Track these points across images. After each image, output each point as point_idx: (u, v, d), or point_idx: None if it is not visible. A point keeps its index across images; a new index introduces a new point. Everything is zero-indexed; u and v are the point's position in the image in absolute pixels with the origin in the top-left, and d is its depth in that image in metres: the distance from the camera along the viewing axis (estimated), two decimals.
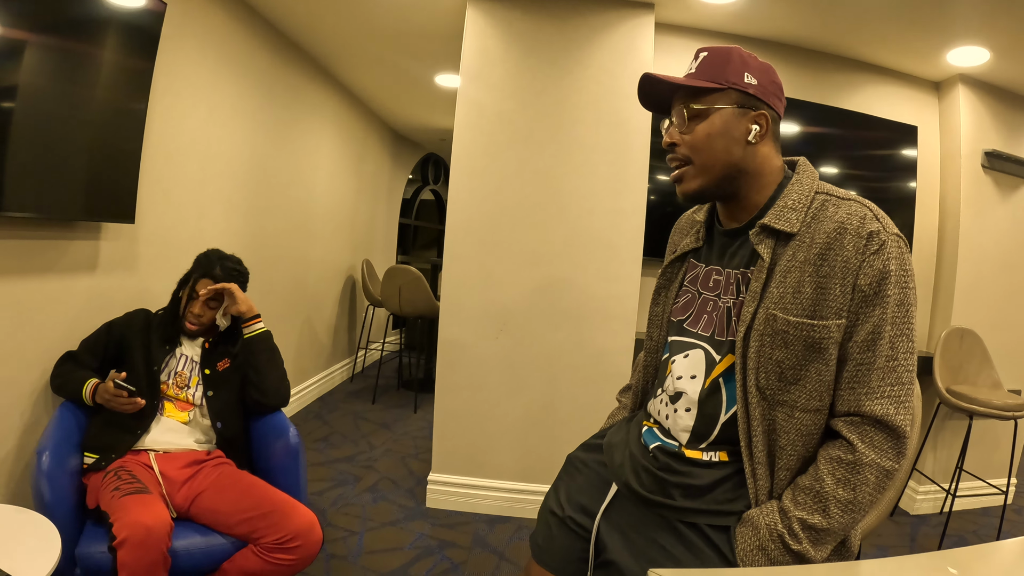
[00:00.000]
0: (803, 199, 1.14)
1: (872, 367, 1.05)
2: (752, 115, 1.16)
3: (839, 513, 1.04)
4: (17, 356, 2.05)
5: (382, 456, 3.86)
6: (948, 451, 3.53)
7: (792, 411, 1.09)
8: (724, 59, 1.17)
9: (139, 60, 2.32)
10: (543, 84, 3.00)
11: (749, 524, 1.08)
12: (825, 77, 3.43)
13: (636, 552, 1.19)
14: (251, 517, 1.84)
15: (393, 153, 6.88)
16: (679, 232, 1.45)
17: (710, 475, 1.16)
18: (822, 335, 1.06)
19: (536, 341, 3.09)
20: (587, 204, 3.03)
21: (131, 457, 1.97)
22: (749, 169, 1.18)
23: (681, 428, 1.21)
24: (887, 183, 3.54)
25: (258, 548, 1.82)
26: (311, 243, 4.77)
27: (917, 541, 3.13)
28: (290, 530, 1.81)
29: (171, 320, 2.20)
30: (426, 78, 4.71)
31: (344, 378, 5.78)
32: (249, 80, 3.48)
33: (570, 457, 1.51)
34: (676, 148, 1.21)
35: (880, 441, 1.04)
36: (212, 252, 2.27)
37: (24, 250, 2.06)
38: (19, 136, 1.86)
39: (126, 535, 1.56)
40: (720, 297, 1.23)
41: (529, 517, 3.08)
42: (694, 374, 1.22)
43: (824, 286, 1.07)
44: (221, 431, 2.13)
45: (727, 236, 1.27)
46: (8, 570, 1.34)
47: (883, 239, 1.05)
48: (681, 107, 1.19)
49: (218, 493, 1.94)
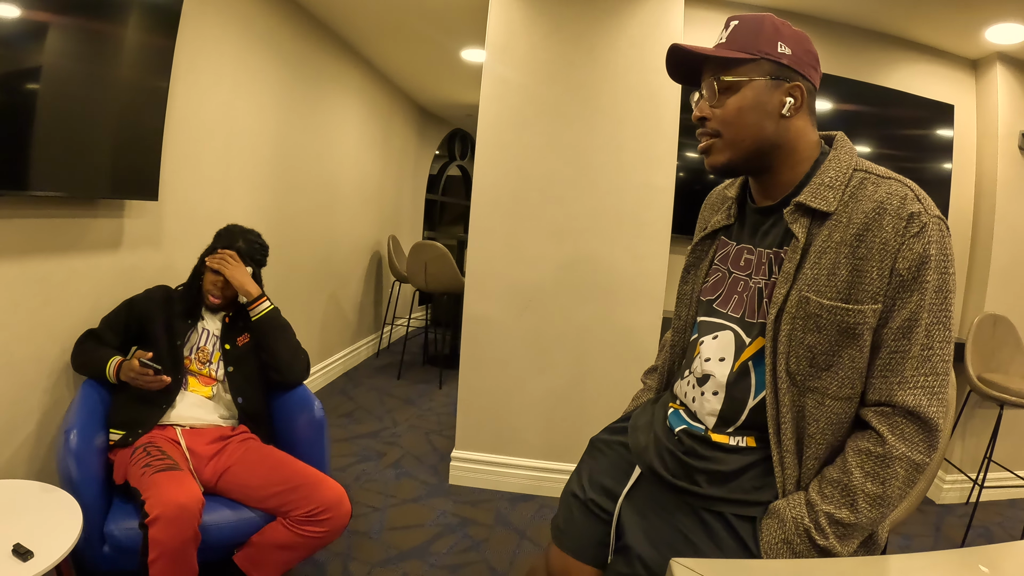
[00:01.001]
0: (840, 176, 1.08)
1: (907, 355, 1.01)
2: (786, 87, 1.10)
3: (867, 508, 1.00)
4: (43, 333, 2.08)
5: (406, 432, 3.88)
6: (977, 440, 3.44)
7: (823, 398, 1.05)
8: (756, 28, 1.11)
9: (160, 38, 2.31)
10: (570, 58, 2.94)
11: (775, 516, 1.05)
12: (859, 52, 3.31)
13: (654, 538, 1.17)
14: (281, 491, 1.87)
15: (419, 129, 6.85)
16: (710, 208, 1.40)
17: (736, 461, 1.13)
18: (856, 320, 1.02)
19: (562, 318, 3.06)
20: (615, 179, 2.98)
21: (158, 432, 1.99)
22: (782, 144, 1.12)
23: (708, 412, 1.18)
24: (921, 163, 3.43)
25: (288, 521, 1.84)
26: (337, 219, 4.78)
27: (942, 531, 3.07)
28: (320, 502, 1.84)
29: (193, 294, 2.21)
30: (452, 53, 4.66)
31: (369, 354, 5.82)
32: (273, 56, 3.46)
33: (593, 440, 1.49)
34: (706, 122, 1.15)
35: (911, 433, 1.01)
36: (233, 226, 2.28)
37: (49, 228, 2.08)
38: (43, 117, 1.86)
39: (159, 512, 1.57)
40: (751, 277, 1.19)
41: (552, 496, 3.08)
42: (723, 356, 1.19)
43: (860, 269, 1.02)
44: (243, 406, 2.14)
45: (759, 214, 1.21)
46: (29, 546, 1.37)
47: (924, 221, 1.00)
48: (711, 79, 1.13)
49: (246, 468, 1.96)
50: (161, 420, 2.02)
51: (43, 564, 1.35)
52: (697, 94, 1.19)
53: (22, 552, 1.35)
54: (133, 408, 2.01)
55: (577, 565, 1.36)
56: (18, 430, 2.03)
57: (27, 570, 1.32)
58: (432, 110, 7.05)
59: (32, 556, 1.36)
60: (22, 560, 1.34)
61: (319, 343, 4.59)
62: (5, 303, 1.93)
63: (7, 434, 1.99)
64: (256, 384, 2.20)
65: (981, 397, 3.06)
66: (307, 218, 4.20)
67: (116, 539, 1.75)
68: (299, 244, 4.08)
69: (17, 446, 2.03)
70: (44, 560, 1.36)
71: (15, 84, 1.77)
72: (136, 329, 2.16)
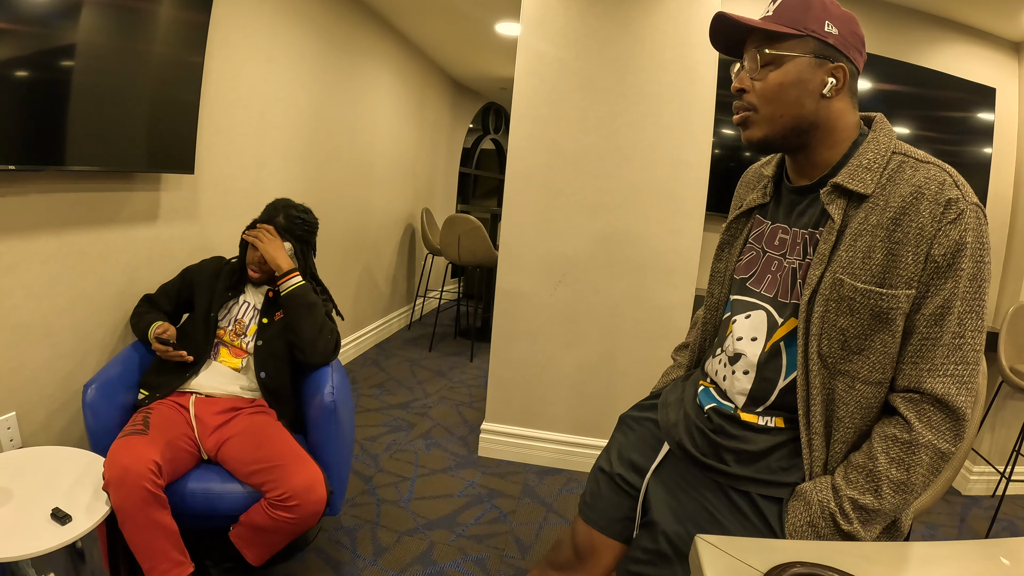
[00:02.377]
0: (879, 159, 1.07)
1: (938, 343, 1.00)
2: (829, 67, 1.08)
3: (891, 494, 1.00)
4: (81, 305, 2.14)
5: (437, 404, 3.93)
6: (1007, 432, 3.35)
7: (853, 382, 1.05)
8: (805, 4, 1.08)
9: (195, 13, 2.32)
10: (607, 31, 2.89)
11: (801, 498, 1.06)
12: (900, 31, 3.19)
13: (680, 514, 1.18)
14: (260, 469, 1.85)
15: (453, 102, 6.82)
16: (745, 186, 1.39)
17: (764, 440, 1.13)
18: (890, 305, 1.00)
19: (595, 293, 3.05)
20: (650, 155, 2.94)
21: (172, 398, 2.04)
22: (821, 123, 1.11)
23: (738, 391, 1.19)
24: (961, 147, 3.31)
25: (265, 503, 1.81)
26: (371, 191, 4.80)
27: (967, 523, 3.01)
28: (288, 488, 1.78)
29: (240, 267, 2.26)
30: (487, 26, 4.61)
31: (402, 326, 5.87)
32: (307, 30, 3.47)
33: (623, 416, 1.50)
34: (744, 94, 1.14)
35: (939, 422, 1.00)
36: (280, 200, 2.29)
37: (87, 202, 2.13)
38: (79, 93, 1.89)
39: (108, 475, 1.59)
40: (786, 257, 1.18)
41: (579, 470, 3.10)
42: (755, 336, 1.19)
43: (896, 253, 1.00)
44: (264, 381, 2.14)
45: (796, 193, 1.20)
46: (68, 510, 1.42)
47: (962, 208, 0.98)
48: (755, 51, 1.11)
49: (242, 441, 1.95)
50: (180, 387, 2.08)
51: (81, 528, 1.40)
52: (738, 65, 1.17)
53: (60, 516, 1.41)
54: (161, 372, 2.10)
55: (602, 539, 1.38)
56: (58, 399, 2.10)
57: (65, 533, 1.37)
58: (466, 83, 7.00)
59: (70, 520, 1.41)
60: (60, 524, 1.40)
61: (352, 314, 4.65)
62: (44, 276, 1.99)
63: (49, 403, 2.06)
64: (282, 361, 2.18)
65: (1013, 389, 2.98)
66: (341, 190, 4.23)
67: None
68: (333, 216, 4.12)
69: (58, 414, 2.11)
70: (82, 524, 1.42)
71: (52, 61, 1.80)
72: (187, 296, 2.26)
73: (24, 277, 1.92)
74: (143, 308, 2.21)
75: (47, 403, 2.06)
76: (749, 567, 0.83)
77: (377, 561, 2.23)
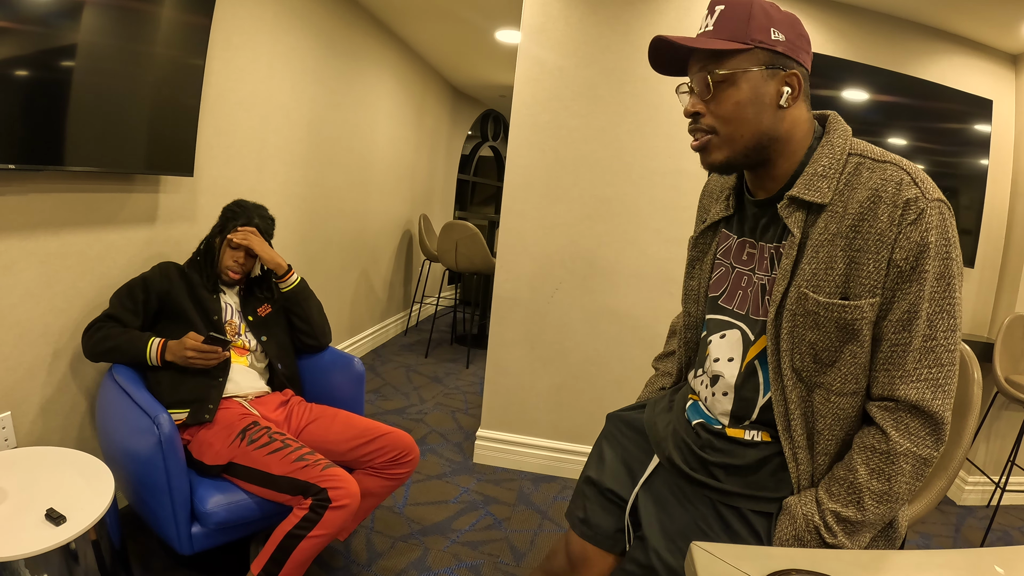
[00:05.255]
0: (834, 164, 1.03)
1: (908, 348, 0.98)
2: (782, 75, 1.03)
3: (874, 505, 0.99)
4: (79, 305, 2.14)
5: (432, 410, 3.92)
6: (1002, 443, 3.36)
7: (828, 394, 1.04)
8: (745, 13, 1.02)
9: (196, 16, 2.33)
10: (607, 40, 2.90)
11: (787, 513, 1.05)
12: (897, 42, 3.19)
13: (670, 529, 1.18)
14: (361, 444, 2.03)
15: (452, 109, 6.84)
16: (708, 196, 1.34)
17: (752, 455, 1.13)
18: (854, 316, 0.99)
19: (592, 301, 3.06)
20: (648, 164, 2.95)
21: (235, 407, 2.01)
22: (779, 135, 1.06)
23: (720, 412, 1.18)
24: (958, 158, 3.32)
25: (371, 469, 2.03)
26: (369, 197, 4.80)
27: (961, 532, 3.02)
28: (402, 447, 2.05)
29: (210, 269, 2.22)
30: (486, 34, 4.63)
31: (398, 331, 5.87)
32: (308, 34, 3.48)
33: (611, 418, 1.48)
34: (700, 118, 1.08)
35: (916, 428, 0.99)
36: (244, 202, 2.30)
37: (86, 203, 2.12)
38: (79, 94, 1.89)
39: (348, 502, 1.73)
40: (754, 272, 1.16)
41: (574, 477, 3.08)
42: (731, 356, 1.17)
43: (857, 261, 0.98)
44: (282, 371, 2.24)
45: (757, 207, 1.16)
46: (62, 511, 1.41)
47: (921, 207, 0.95)
48: (703, 73, 1.05)
49: (322, 427, 2.10)
50: (224, 394, 2.04)
51: (74, 529, 1.40)
52: (684, 86, 1.12)
53: (55, 517, 1.40)
54: (189, 385, 1.98)
55: (596, 551, 1.38)
56: (53, 399, 2.09)
57: (59, 534, 1.37)
58: (465, 90, 7.02)
59: (64, 521, 1.41)
60: (55, 524, 1.39)
61: (349, 319, 4.65)
62: (43, 275, 1.99)
63: (44, 402, 2.05)
64: (288, 350, 2.32)
65: (1008, 399, 2.99)
66: (340, 195, 4.23)
67: (219, 517, 1.78)
68: (331, 220, 4.12)
69: (52, 414, 2.09)
70: (76, 525, 1.41)
71: (53, 61, 1.80)
72: (155, 307, 2.10)
73: (22, 276, 1.91)
74: (115, 328, 1.99)
75: (43, 403, 2.05)
76: (744, 574, 0.83)
77: (371, 567, 2.22)
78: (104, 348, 1.96)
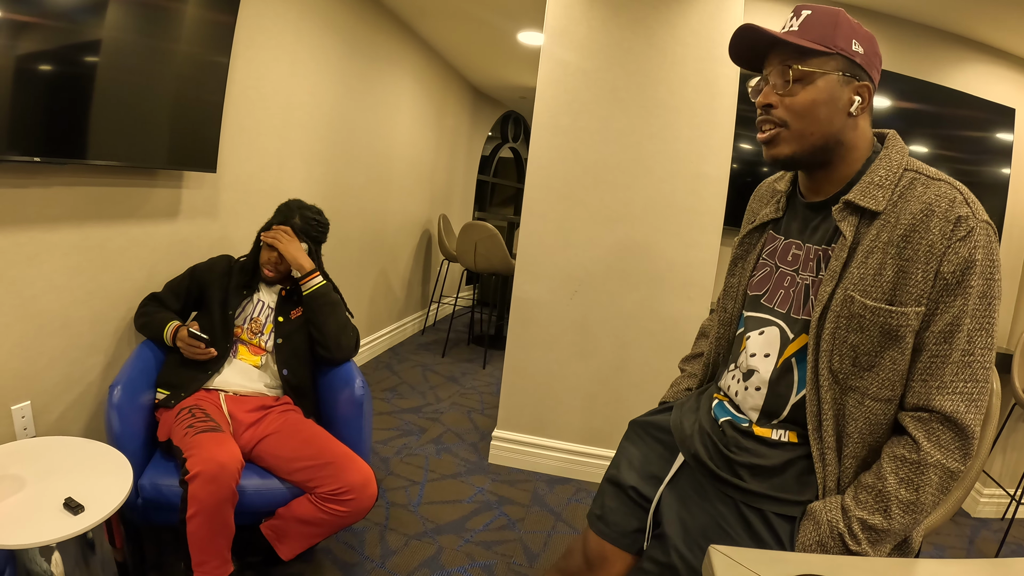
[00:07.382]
0: (891, 176, 1.07)
1: (947, 360, 1.00)
2: (856, 85, 1.09)
3: (900, 514, 1.00)
4: (100, 297, 2.16)
5: (448, 409, 3.92)
6: (1018, 455, 3.29)
7: (863, 398, 1.05)
8: (832, 22, 1.08)
9: (222, 14, 2.35)
10: (629, 43, 2.89)
11: (811, 518, 1.06)
12: (920, 49, 3.16)
13: (692, 528, 1.18)
14: (310, 466, 1.90)
15: (473, 110, 6.85)
16: (758, 200, 1.38)
17: (778, 456, 1.13)
18: (899, 322, 1.00)
19: (611, 303, 3.04)
20: (669, 167, 2.93)
21: (203, 395, 2.06)
22: (845, 141, 1.11)
23: (751, 406, 1.19)
24: (979, 166, 3.27)
25: (314, 497, 1.87)
26: (389, 196, 4.82)
27: (975, 544, 2.96)
28: (346, 483, 1.85)
29: (251, 267, 2.26)
30: (508, 35, 4.62)
31: (415, 330, 5.88)
32: (331, 34, 3.50)
33: (634, 424, 1.49)
34: (772, 110, 1.12)
35: (947, 441, 0.99)
36: (293, 201, 2.31)
37: (109, 197, 2.15)
38: (104, 89, 1.91)
39: (199, 469, 1.64)
40: (799, 273, 1.18)
41: (590, 480, 3.08)
42: (768, 352, 1.19)
43: (906, 270, 1.00)
44: (288, 378, 2.19)
45: (809, 209, 1.20)
46: (81, 500, 1.42)
47: (971, 225, 0.98)
48: (783, 67, 1.10)
49: (281, 440, 2.00)
50: (206, 385, 2.09)
51: (92, 518, 1.41)
52: (759, 80, 1.16)
53: (73, 506, 1.41)
54: (182, 371, 2.09)
55: (613, 549, 1.38)
56: (73, 390, 2.11)
57: (77, 523, 1.38)
58: (486, 91, 7.03)
59: (83, 510, 1.42)
60: (73, 514, 1.40)
61: (367, 317, 4.66)
62: (65, 268, 2.01)
63: (64, 393, 2.08)
64: (303, 358, 2.24)
65: None
66: (360, 193, 4.25)
67: (148, 492, 1.82)
68: (351, 219, 4.14)
69: (73, 405, 2.12)
70: (94, 515, 1.42)
71: (78, 56, 1.82)
72: (196, 295, 2.25)
73: (45, 268, 1.94)
74: (152, 307, 2.21)
75: (62, 393, 2.07)
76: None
77: (385, 564, 2.22)
78: (140, 323, 2.20)
